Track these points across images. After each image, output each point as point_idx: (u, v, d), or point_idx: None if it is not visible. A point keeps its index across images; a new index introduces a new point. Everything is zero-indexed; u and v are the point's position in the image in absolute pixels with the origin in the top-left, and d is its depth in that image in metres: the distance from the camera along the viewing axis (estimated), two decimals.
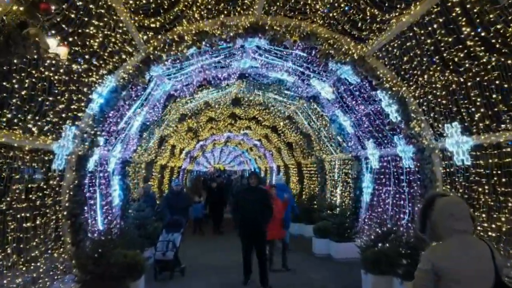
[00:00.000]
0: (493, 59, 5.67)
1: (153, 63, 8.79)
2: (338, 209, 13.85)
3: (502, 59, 5.57)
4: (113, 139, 10.92)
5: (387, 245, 9.43)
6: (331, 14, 7.77)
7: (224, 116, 20.90)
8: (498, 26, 5.16)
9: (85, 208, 9.03)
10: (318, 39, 8.67)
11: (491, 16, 5.16)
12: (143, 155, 15.70)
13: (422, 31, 6.75)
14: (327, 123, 14.06)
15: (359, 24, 7.46)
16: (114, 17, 6.97)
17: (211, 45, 9.28)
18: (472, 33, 5.63)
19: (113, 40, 7.24)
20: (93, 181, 10.42)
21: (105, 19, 6.89)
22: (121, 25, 7.26)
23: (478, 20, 5.36)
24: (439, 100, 7.78)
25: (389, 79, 8.78)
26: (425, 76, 7.63)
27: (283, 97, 14.46)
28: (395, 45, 7.82)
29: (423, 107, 8.48)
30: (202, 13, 8.35)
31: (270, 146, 27.74)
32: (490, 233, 7.04)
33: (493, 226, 7.00)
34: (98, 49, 7.11)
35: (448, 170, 8.29)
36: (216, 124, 22.95)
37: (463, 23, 5.72)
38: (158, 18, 7.50)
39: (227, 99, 16.74)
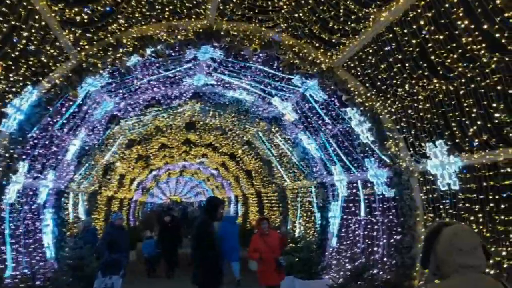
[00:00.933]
0: (495, 59, 4.66)
1: (86, 73, 7.40)
2: (302, 242, 12.57)
3: (506, 58, 4.57)
4: (42, 166, 9.32)
5: (361, 283, 8.24)
6: (296, 15, 6.64)
7: (178, 142, 19.46)
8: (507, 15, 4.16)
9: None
10: (281, 47, 7.56)
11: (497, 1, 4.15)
12: (83, 184, 13.98)
13: (405, 30, 5.73)
14: (289, 148, 12.92)
15: (330, 24, 6.37)
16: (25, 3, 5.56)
17: (158, 54, 8.01)
18: (472, 26, 4.62)
19: (26, 35, 5.79)
20: (16, 215, 8.76)
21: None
22: (37, 17, 5.84)
23: (479, 10, 4.35)
24: (421, 114, 6.76)
25: (361, 92, 7.75)
26: (406, 86, 6.61)
27: (242, 119, 13.26)
28: (371, 50, 6.79)
29: (402, 124, 7.46)
30: (145, 14, 7.08)
31: (228, 175, 26.36)
32: (487, 270, 5.95)
33: (491, 261, 5.92)
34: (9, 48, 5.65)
35: (430, 196, 7.23)
36: (169, 151, 21.42)
37: (459, 15, 4.71)
38: (85, 9, 6.12)
39: (180, 123, 15.37)
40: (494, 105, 4.95)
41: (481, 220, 6.06)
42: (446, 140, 6.50)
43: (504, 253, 5.70)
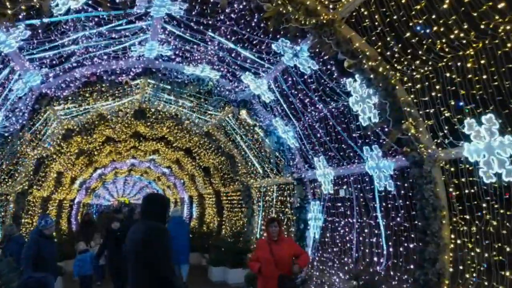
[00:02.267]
0: None
1: None
2: None
3: None
4: None
5: None
6: None
7: (126, 135, 17.03)
8: None
9: None
10: None
11: None
12: (5, 182, 11.38)
13: None
14: (259, 138, 10.95)
15: None
16: None
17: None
18: None
19: None
20: None
21: None
22: None
23: None
24: (459, 79, 4.96)
25: (369, 55, 5.88)
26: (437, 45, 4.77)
27: (203, 104, 11.15)
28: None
29: (423, 97, 5.65)
30: None
31: (182, 173, 24.06)
32: None
33: None
34: None
35: (463, 191, 5.46)
36: (115, 146, 18.92)
37: None
38: None
39: (128, 109, 13.04)
40: None
41: None
42: (498, 114, 4.73)
43: None
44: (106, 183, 39.23)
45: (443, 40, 4.89)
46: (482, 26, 4.46)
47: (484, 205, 5.10)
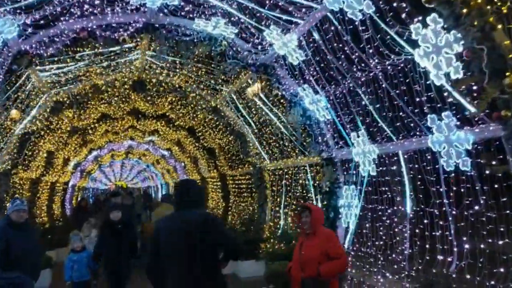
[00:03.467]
0: None
1: None
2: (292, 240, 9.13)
3: None
4: None
5: None
6: None
7: (123, 112, 15.40)
8: None
9: None
10: None
11: None
12: None
13: None
14: (281, 111, 9.35)
15: None
16: None
17: None
18: None
19: None
20: None
21: None
22: None
23: None
24: None
25: None
26: None
27: (214, 71, 9.51)
28: None
29: None
30: None
31: (183, 156, 22.48)
32: None
33: None
34: None
35: None
36: (111, 124, 17.28)
37: None
38: None
39: (125, 79, 11.39)
40: None
41: None
42: None
43: None
44: (102, 166, 37.64)
45: None
46: None
47: None
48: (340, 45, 6.25)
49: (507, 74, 4.13)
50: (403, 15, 4.98)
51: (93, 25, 7.51)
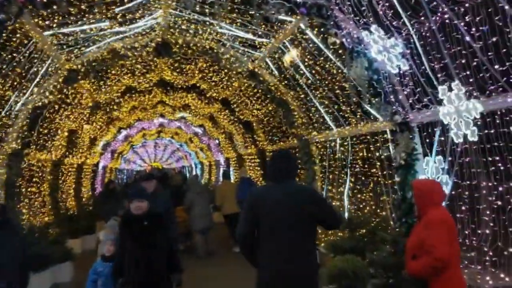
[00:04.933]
0: None
1: None
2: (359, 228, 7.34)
3: None
4: None
5: None
6: None
7: (149, 83, 13.81)
8: None
9: None
10: None
11: None
12: None
13: None
14: (335, 66, 7.47)
15: None
16: None
17: None
18: None
19: None
20: None
21: None
22: None
23: None
24: None
25: None
26: None
27: (253, 19, 7.66)
28: None
29: None
30: None
31: (217, 132, 20.91)
32: None
33: None
34: None
35: None
36: (138, 99, 15.77)
37: None
38: None
39: (146, 41, 9.73)
40: None
41: None
42: None
43: None
44: (135, 147, 36.67)
45: None
46: None
47: None
48: None
49: None
50: None
51: None
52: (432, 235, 3.84)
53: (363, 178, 8.13)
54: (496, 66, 4.63)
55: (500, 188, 5.04)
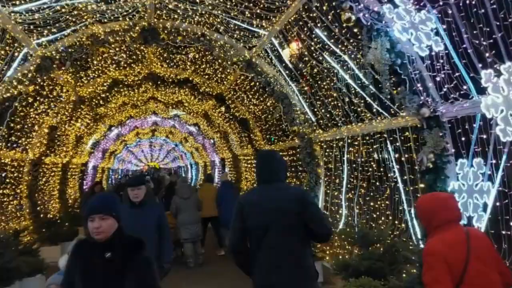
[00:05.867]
0: None
1: None
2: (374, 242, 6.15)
3: None
4: None
5: None
6: None
7: (137, 76, 12.63)
8: None
9: None
10: None
11: None
12: None
13: None
14: (347, 54, 6.31)
15: None
16: None
17: None
18: None
19: None
20: None
21: None
22: None
23: None
24: None
25: None
26: None
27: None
28: None
29: None
30: None
31: (211, 131, 19.72)
32: None
33: None
34: None
35: None
36: (126, 93, 14.58)
37: None
38: None
39: (129, 24, 8.55)
40: None
41: None
42: None
43: None
44: (128, 146, 35.44)
45: None
46: None
47: None
48: None
49: None
50: None
51: None
52: (424, 272, 3.08)
53: (377, 184, 6.95)
54: None
55: None
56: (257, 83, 10.13)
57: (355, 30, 5.61)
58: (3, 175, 10.28)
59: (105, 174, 32.30)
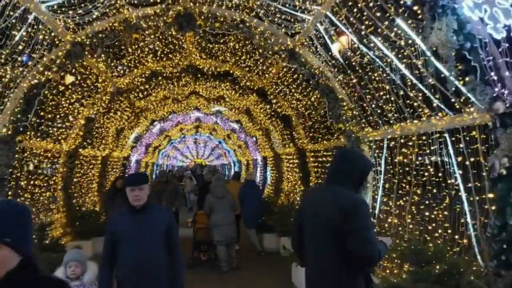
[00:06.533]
0: None
1: None
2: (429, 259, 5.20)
3: None
4: None
5: None
6: None
7: (175, 67, 12.06)
8: None
9: None
10: None
11: None
12: None
13: None
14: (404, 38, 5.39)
15: None
16: None
17: None
18: None
19: None
20: None
21: None
22: None
23: None
24: None
25: None
26: None
27: None
28: None
29: None
30: None
31: (254, 128, 19.00)
32: None
33: None
34: None
35: None
36: (166, 86, 14.09)
37: None
38: None
39: (163, 8, 7.95)
40: None
41: None
42: None
43: None
44: (173, 141, 35.43)
45: None
46: None
47: None
48: None
49: None
50: None
51: None
52: None
53: (434, 190, 5.98)
54: None
55: None
56: (300, 76, 9.30)
57: (415, 7, 4.66)
58: (32, 166, 9.99)
59: (149, 169, 32.39)
